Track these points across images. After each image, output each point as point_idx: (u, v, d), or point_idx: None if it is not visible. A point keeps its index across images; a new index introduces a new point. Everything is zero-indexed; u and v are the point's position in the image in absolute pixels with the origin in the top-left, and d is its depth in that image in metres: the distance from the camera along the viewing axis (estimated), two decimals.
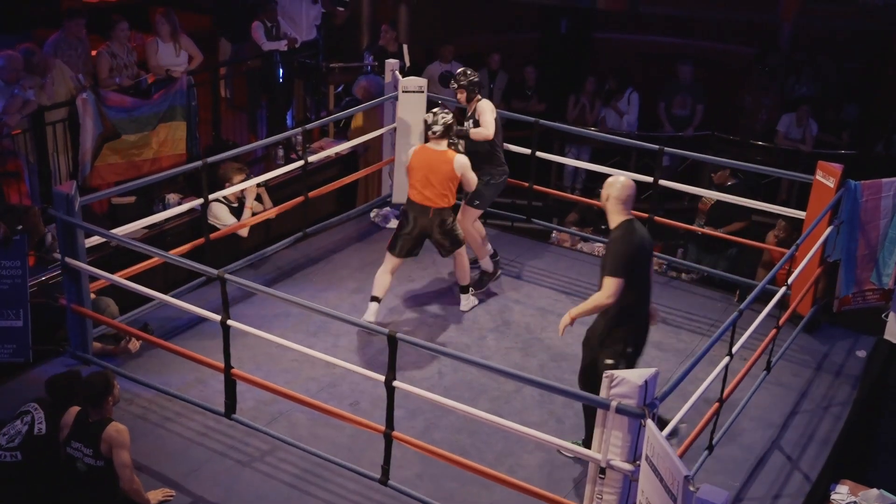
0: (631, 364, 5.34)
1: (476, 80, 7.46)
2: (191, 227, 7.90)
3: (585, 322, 7.33)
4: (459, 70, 7.56)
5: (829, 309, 7.35)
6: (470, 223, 7.49)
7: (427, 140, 7.01)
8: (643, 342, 5.54)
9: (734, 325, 5.44)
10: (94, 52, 8.73)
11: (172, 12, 9.02)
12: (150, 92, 8.40)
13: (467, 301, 7.39)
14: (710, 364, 5.52)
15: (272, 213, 7.90)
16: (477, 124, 7.38)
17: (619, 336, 5.36)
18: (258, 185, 7.95)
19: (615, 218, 5.37)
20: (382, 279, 7.05)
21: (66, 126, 7.84)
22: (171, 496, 5.27)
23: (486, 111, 7.36)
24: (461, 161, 6.88)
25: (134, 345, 6.58)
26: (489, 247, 7.65)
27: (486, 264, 7.61)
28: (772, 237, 8.30)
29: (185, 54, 8.95)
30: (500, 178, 7.53)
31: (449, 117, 6.91)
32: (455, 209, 7.17)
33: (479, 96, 7.48)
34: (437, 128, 6.86)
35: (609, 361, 5.24)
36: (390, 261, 7.07)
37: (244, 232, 7.81)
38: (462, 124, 7.48)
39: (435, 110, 6.99)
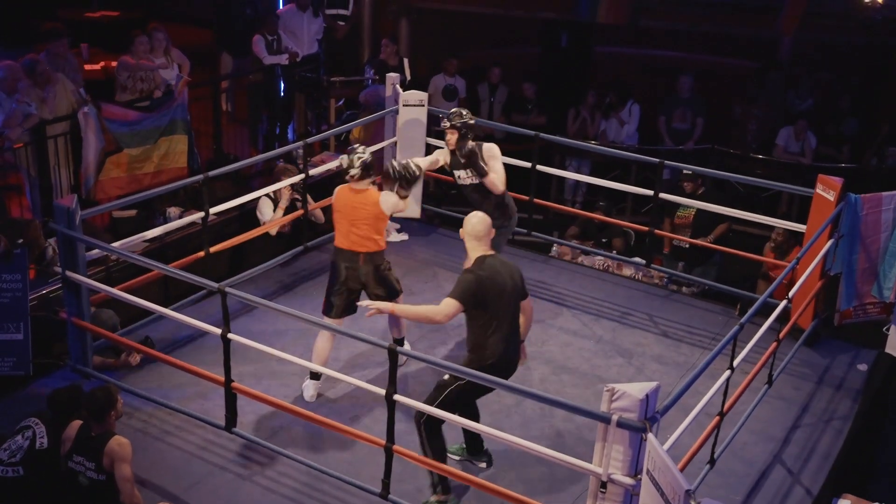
0: (469, 392, 5.25)
1: (472, 122, 6.86)
2: (191, 241, 7.91)
3: (586, 336, 7.36)
4: (454, 110, 6.95)
5: (830, 322, 7.35)
6: None
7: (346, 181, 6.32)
8: (506, 373, 5.37)
9: (735, 338, 5.43)
10: (103, 65, 8.82)
11: (162, 27, 9.09)
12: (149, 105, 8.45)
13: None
14: (712, 377, 5.52)
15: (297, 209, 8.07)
16: (480, 172, 6.77)
17: (464, 362, 5.33)
18: (293, 188, 8.10)
19: (471, 254, 5.36)
20: (322, 349, 6.28)
21: (67, 140, 7.86)
22: None
23: (496, 156, 6.78)
24: (387, 201, 6.23)
25: (134, 358, 6.58)
26: None
27: None
28: (768, 248, 8.31)
29: (177, 67, 9.02)
30: (510, 225, 7.00)
31: (366, 156, 6.24)
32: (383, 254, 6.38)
33: (471, 140, 6.85)
34: (355, 171, 6.18)
35: (445, 377, 5.28)
36: (330, 325, 6.18)
37: (274, 231, 7.90)
38: (456, 169, 6.88)
39: (352, 148, 6.32)
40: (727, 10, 12.06)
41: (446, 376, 5.29)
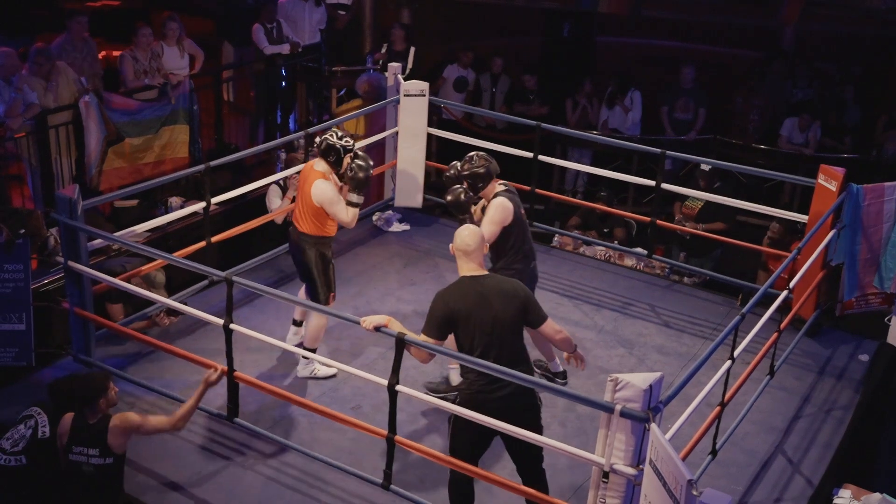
0: (465, 429, 4.91)
1: (480, 171, 6.06)
2: (193, 231, 7.91)
3: (587, 326, 7.36)
4: (465, 160, 6.15)
5: (832, 313, 7.34)
6: None
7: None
8: (493, 411, 4.80)
9: (736, 329, 5.43)
10: (104, 54, 8.79)
11: (177, 17, 9.07)
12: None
13: (305, 366, 6.39)
14: (713, 368, 5.52)
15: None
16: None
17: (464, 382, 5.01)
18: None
19: (459, 272, 4.99)
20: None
21: (68, 129, 7.85)
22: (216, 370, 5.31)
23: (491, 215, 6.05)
24: (320, 189, 5.98)
25: (163, 320, 6.63)
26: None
27: (454, 376, 6.24)
28: (766, 243, 8.31)
29: (188, 58, 9.00)
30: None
31: (338, 141, 6.02)
32: (322, 243, 6.21)
33: (492, 187, 6.10)
34: (319, 140, 6.08)
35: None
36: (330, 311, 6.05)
37: (280, 219, 7.90)
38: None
39: (341, 134, 6.14)
40: None
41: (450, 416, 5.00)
